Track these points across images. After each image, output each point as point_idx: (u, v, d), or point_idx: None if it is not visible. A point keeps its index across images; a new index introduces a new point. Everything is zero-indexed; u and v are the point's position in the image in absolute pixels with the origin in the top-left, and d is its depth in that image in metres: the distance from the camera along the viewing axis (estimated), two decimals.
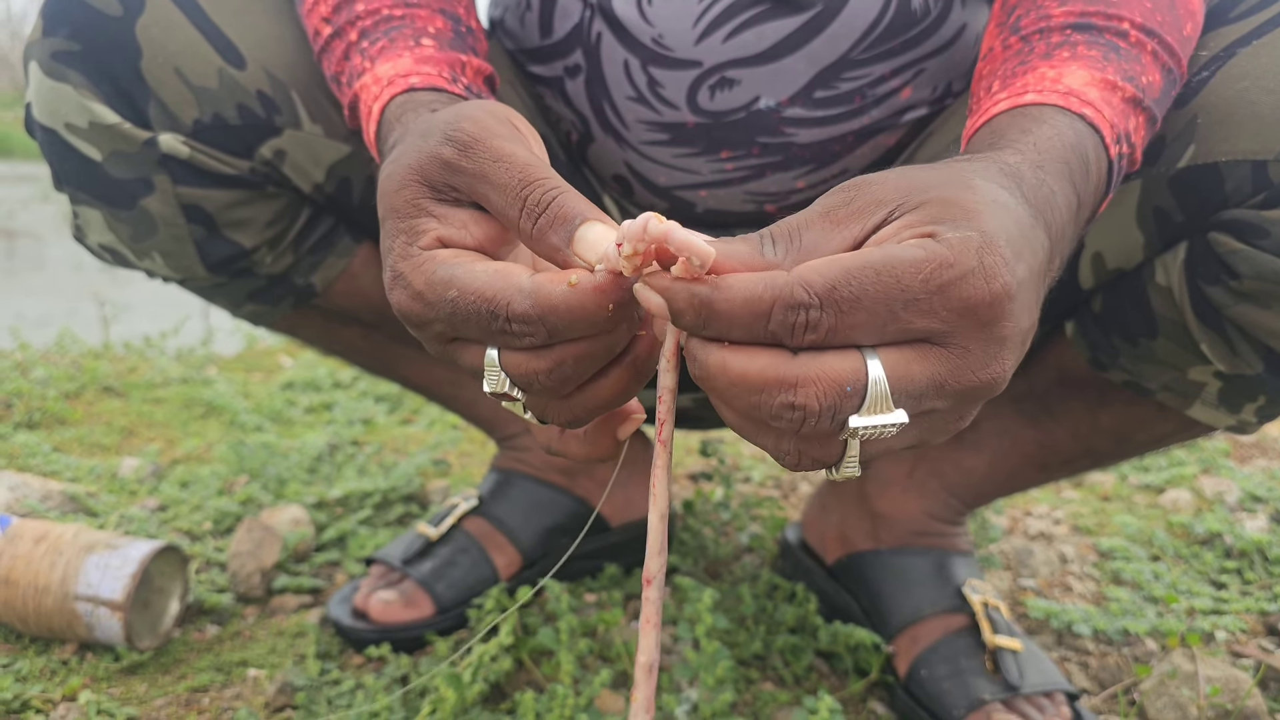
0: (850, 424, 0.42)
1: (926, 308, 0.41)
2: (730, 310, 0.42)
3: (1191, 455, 1.79)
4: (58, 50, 0.83)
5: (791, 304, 0.41)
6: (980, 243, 0.42)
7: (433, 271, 0.49)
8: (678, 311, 0.43)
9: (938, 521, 1.09)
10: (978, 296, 0.42)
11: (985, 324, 0.43)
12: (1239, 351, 0.77)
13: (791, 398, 0.41)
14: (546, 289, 0.45)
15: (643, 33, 0.85)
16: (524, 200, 0.49)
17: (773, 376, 0.42)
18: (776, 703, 1.00)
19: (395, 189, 0.53)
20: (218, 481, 1.50)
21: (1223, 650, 1.15)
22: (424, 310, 0.50)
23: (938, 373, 0.43)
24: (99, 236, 0.92)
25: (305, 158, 0.90)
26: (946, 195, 0.44)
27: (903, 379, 0.42)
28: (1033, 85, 0.62)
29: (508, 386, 0.49)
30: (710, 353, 0.43)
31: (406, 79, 0.69)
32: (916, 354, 0.42)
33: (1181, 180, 0.74)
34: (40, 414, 1.82)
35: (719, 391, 0.43)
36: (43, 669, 1.02)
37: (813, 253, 0.44)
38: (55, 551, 1.04)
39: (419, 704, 0.96)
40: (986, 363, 0.43)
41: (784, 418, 0.42)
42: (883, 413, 0.42)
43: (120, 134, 0.84)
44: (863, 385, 0.41)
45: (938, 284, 0.41)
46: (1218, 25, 0.74)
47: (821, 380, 0.41)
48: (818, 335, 0.41)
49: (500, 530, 1.16)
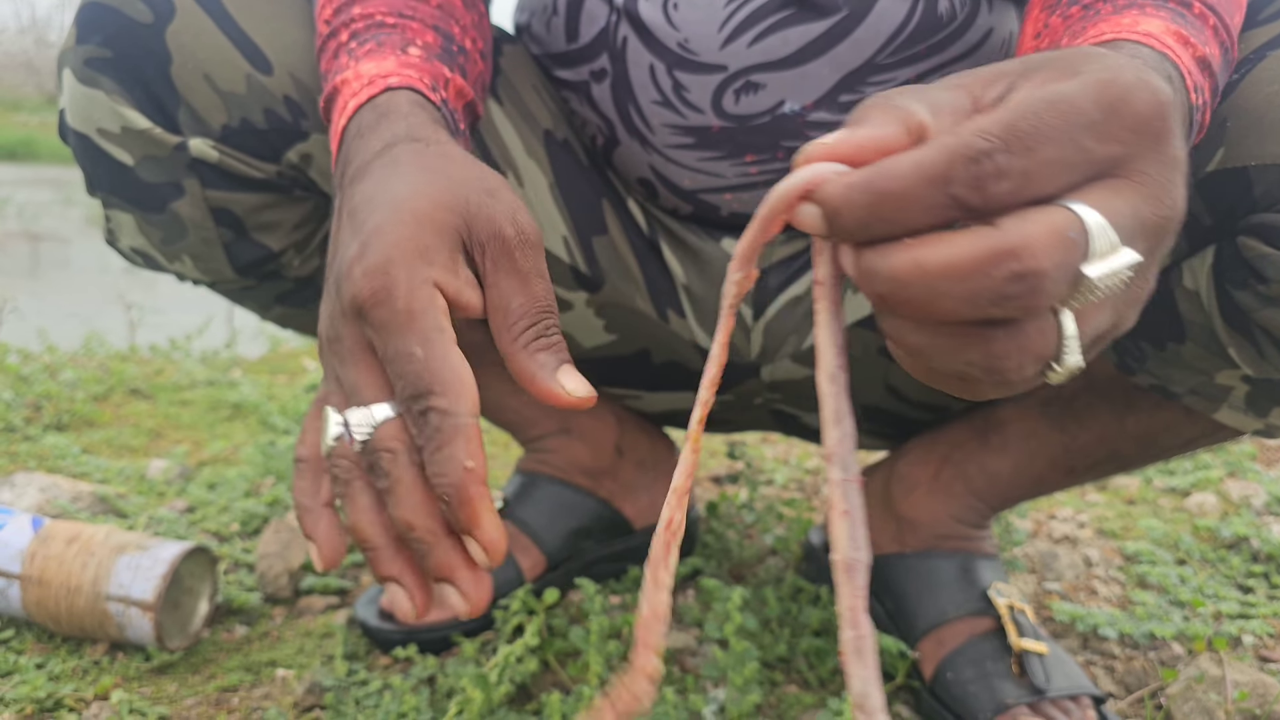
0: (1086, 275, 0.37)
1: (1105, 130, 0.37)
2: (903, 184, 0.35)
3: (1217, 459, 1.78)
4: (91, 57, 0.84)
5: (972, 154, 0.35)
6: (1126, 64, 0.40)
7: (424, 311, 0.51)
8: (835, 209, 0.36)
9: (963, 525, 1.09)
10: (1146, 107, 0.38)
11: (1157, 140, 0.39)
12: (1267, 356, 0.76)
13: (1017, 265, 0.35)
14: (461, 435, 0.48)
15: (668, 37, 0.85)
16: (541, 319, 0.51)
17: (984, 251, 0.35)
18: (801, 705, 1.00)
19: (442, 202, 0.54)
20: (245, 483, 1.52)
21: (1250, 655, 1.15)
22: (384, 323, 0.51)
23: (1134, 204, 0.38)
24: (131, 240, 0.93)
25: (331, 162, 0.90)
26: (1067, 54, 0.41)
27: (1113, 213, 0.37)
28: (1108, 30, 0.59)
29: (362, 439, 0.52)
30: (896, 256, 0.36)
31: (386, 79, 0.69)
32: (1109, 189, 0.38)
33: (1210, 184, 0.73)
34: (69, 416, 1.84)
35: (917, 299, 0.36)
36: (75, 668, 1.03)
37: (947, 105, 0.39)
38: (87, 552, 1.05)
39: (446, 704, 0.97)
40: (1167, 188, 0.40)
41: (1012, 294, 0.35)
42: (1113, 254, 0.37)
43: (151, 139, 0.86)
44: (1082, 227, 0.36)
45: (1108, 101, 0.38)
46: (1247, 27, 0.74)
47: (1041, 236, 0.35)
48: (1012, 183, 0.36)
49: (525, 532, 1.16)
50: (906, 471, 1.11)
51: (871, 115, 0.39)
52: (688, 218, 0.98)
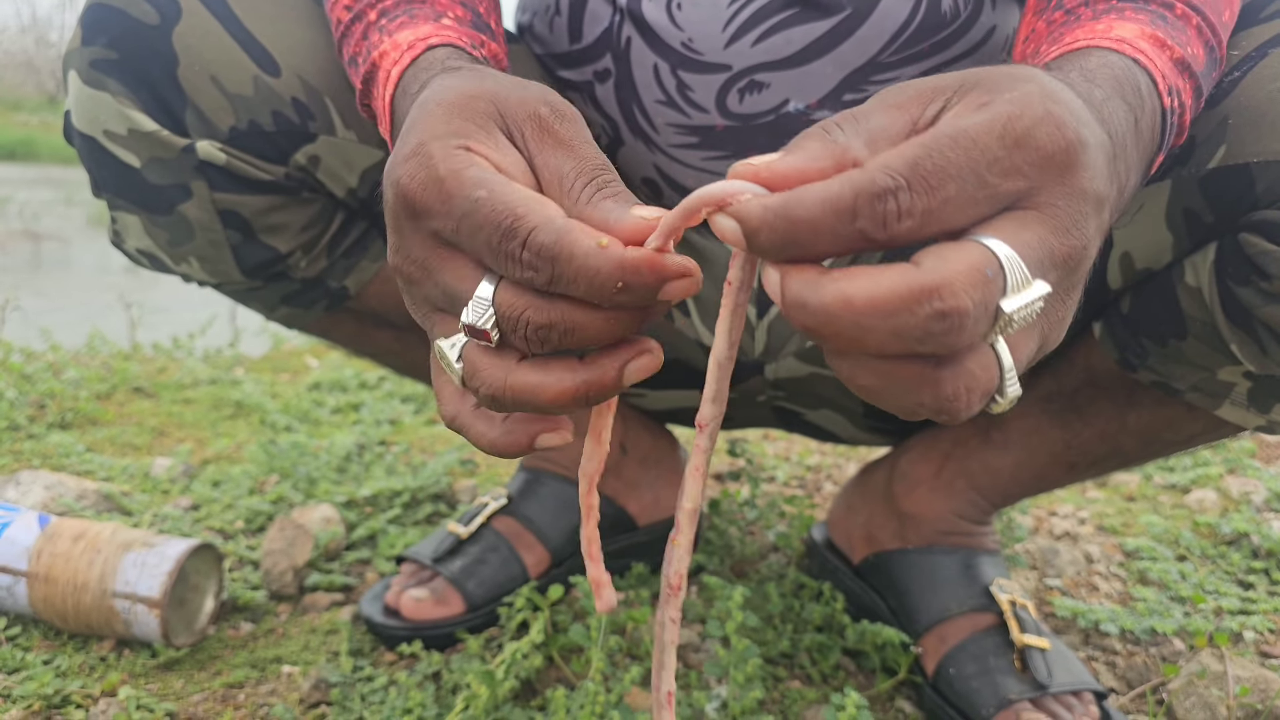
0: (1004, 309, 0.38)
1: (1009, 165, 0.39)
2: (811, 214, 0.37)
3: (1217, 455, 1.78)
4: (96, 59, 0.85)
5: (876, 192, 0.37)
6: (1040, 93, 0.41)
7: (466, 166, 0.47)
8: (753, 230, 0.38)
9: (965, 521, 1.09)
10: (1050, 142, 0.40)
11: (1064, 173, 0.40)
12: (1269, 352, 0.77)
13: (939, 304, 0.36)
14: (576, 234, 0.43)
15: (672, 37, 0.86)
16: (596, 175, 0.48)
17: (906, 290, 0.36)
18: (804, 700, 1.01)
19: (471, 94, 0.51)
20: (249, 481, 1.52)
21: (1251, 650, 1.15)
22: (434, 199, 0.47)
23: (1043, 235, 0.40)
24: (137, 242, 0.94)
25: (339, 163, 0.91)
26: (999, 73, 0.43)
27: (1022, 248, 0.39)
28: (1083, 37, 0.61)
29: (490, 324, 0.46)
30: (824, 289, 0.38)
31: (427, 40, 0.68)
32: (1017, 222, 0.40)
33: (1212, 181, 0.74)
34: (73, 414, 1.84)
35: (846, 334, 0.38)
36: (82, 665, 1.04)
37: (879, 134, 0.41)
38: (93, 549, 1.06)
39: (452, 700, 0.98)
40: (1075, 220, 0.41)
41: (935, 332, 0.37)
42: (1028, 287, 0.39)
43: (158, 141, 0.86)
44: (998, 264, 0.38)
45: (1013, 138, 0.39)
46: (1248, 25, 0.74)
47: (961, 275, 0.37)
48: (914, 220, 0.38)
49: (529, 529, 1.17)
50: (909, 468, 1.12)
51: (805, 144, 0.41)
52: None
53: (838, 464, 1.80)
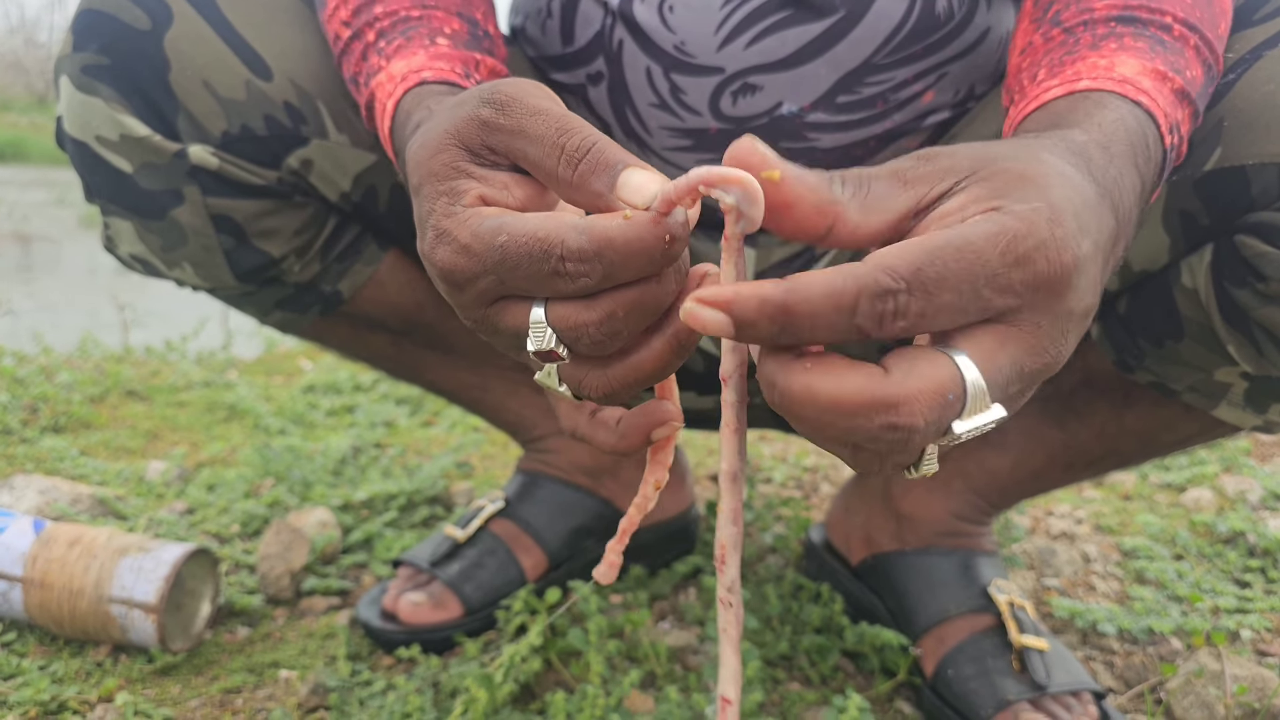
0: (954, 429, 0.40)
1: (1005, 283, 0.40)
2: (811, 309, 0.38)
3: (1213, 454, 1.78)
4: (88, 64, 0.84)
5: (878, 291, 0.38)
6: (1049, 214, 0.42)
7: (479, 224, 0.48)
8: (747, 323, 0.39)
9: (963, 522, 1.09)
10: (1049, 269, 0.41)
11: (1056, 297, 0.42)
12: (1265, 353, 0.77)
13: (894, 419, 0.39)
14: (602, 223, 0.43)
15: (665, 40, 0.86)
16: (562, 148, 0.47)
17: (868, 399, 0.39)
18: (804, 702, 1.01)
19: (431, 154, 0.52)
20: (244, 484, 1.52)
21: (1248, 649, 1.15)
22: (470, 264, 0.48)
23: (1017, 356, 0.41)
24: (130, 247, 0.93)
25: (332, 167, 0.90)
26: (1013, 168, 0.44)
27: (991, 370, 0.41)
28: (1086, 73, 0.61)
29: (553, 343, 0.47)
30: (793, 378, 0.40)
31: (419, 74, 0.69)
32: (996, 340, 0.41)
33: (1208, 183, 0.74)
34: (66, 418, 1.84)
35: (806, 420, 0.40)
36: (78, 671, 1.03)
37: (878, 203, 0.43)
38: (89, 555, 1.05)
39: (450, 704, 0.97)
40: (1055, 339, 0.43)
41: (884, 439, 0.39)
42: (983, 411, 0.40)
43: (150, 146, 0.85)
44: (962, 389, 0.40)
45: (1014, 257, 0.40)
46: (1242, 28, 0.74)
47: (923, 395, 0.39)
48: (907, 322, 0.39)
49: (527, 532, 1.17)
50: None
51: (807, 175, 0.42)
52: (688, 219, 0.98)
53: (835, 465, 1.80)
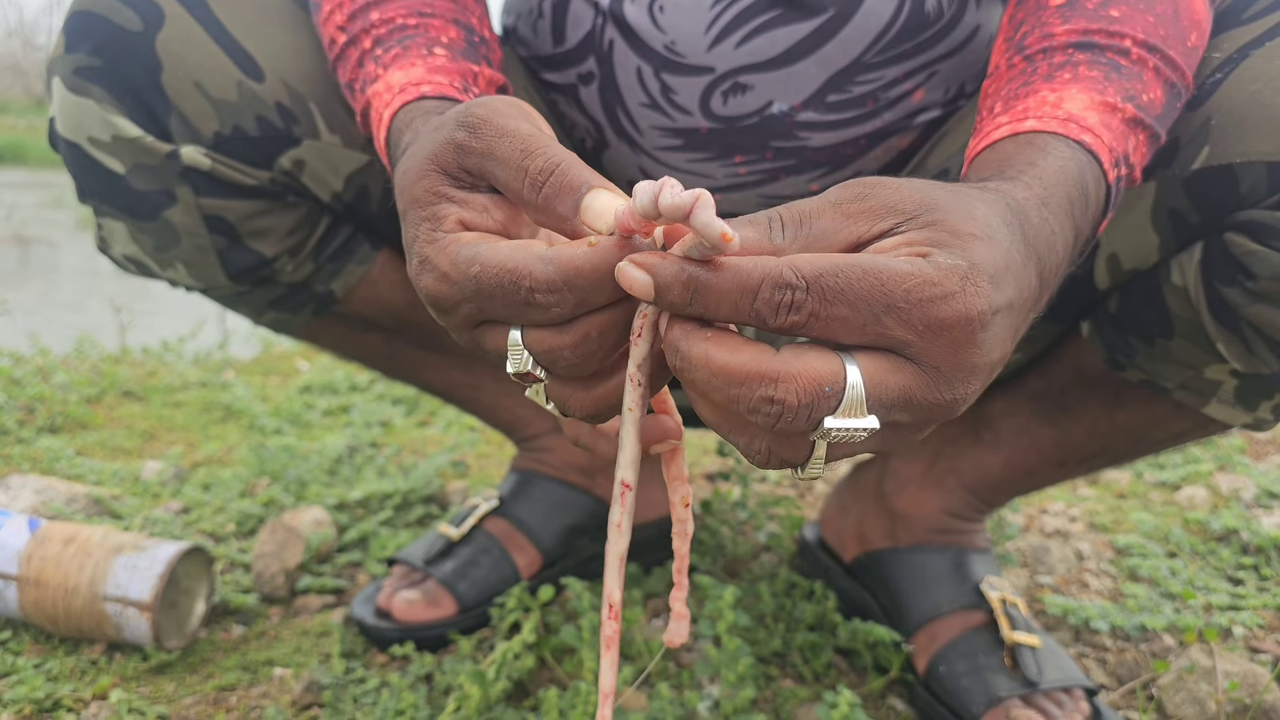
0: (825, 424, 0.43)
1: (905, 318, 0.42)
2: (720, 286, 0.42)
3: (1207, 452, 1.79)
4: (80, 66, 0.84)
5: (779, 283, 0.42)
6: (966, 271, 0.44)
7: (456, 252, 0.49)
8: (664, 287, 0.43)
9: (956, 519, 1.10)
10: (952, 319, 0.43)
11: (957, 347, 0.44)
12: (1255, 351, 0.77)
13: (771, 391, 0.42)
14: (567, 253, 0.45)
15: (655, 39, 0.86)
16: (526, 170, 0.49)
17: (754, 370, 0.42)
18: (797, 699, 1.01)
19: (413, 180, 0.53)
20: (239, 484, 1.52)
21: (1240, 646, 1.16)
22: (450, 291, 0.50)
23: (908, 386, 0.44)
24: (123, 248, 0.94)
25: (324, 167, 0.91)
26: (950, 221, 0.46)
27: (877, 386, 0.43)
28: (1033, 110, 0.63)
29: (531, 366, 0.49)
30: (694, 343, 0.44)
31: (418, 87, 0.69)
32: (891, 365, 0.43)
33: (1196, 182, 0.74)
34: (62, 418, 1.84)
35: (698, 384, 0.44)
36: (73, 669, 1.03)
37: (819, 241, 0.45)
38: (84, 553, 1.05)
39: (444, 701, 0.98)
40: (953, 384, 0.45)
41: (761, 411, 0.42)
42: (857, 417, 0.43)
43: (142, 147, 0.86)
44: (841, 387, 0.42)
45: (918, 298, 0.42)
46: (1230, 27, 0.75)
47: (802, 377, 0.42)
48: (799, 317, 0.42)
49: (521, 530, 1.17)
50: (899, 467, 1.12)
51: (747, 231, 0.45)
52: None
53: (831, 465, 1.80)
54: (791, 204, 0.46)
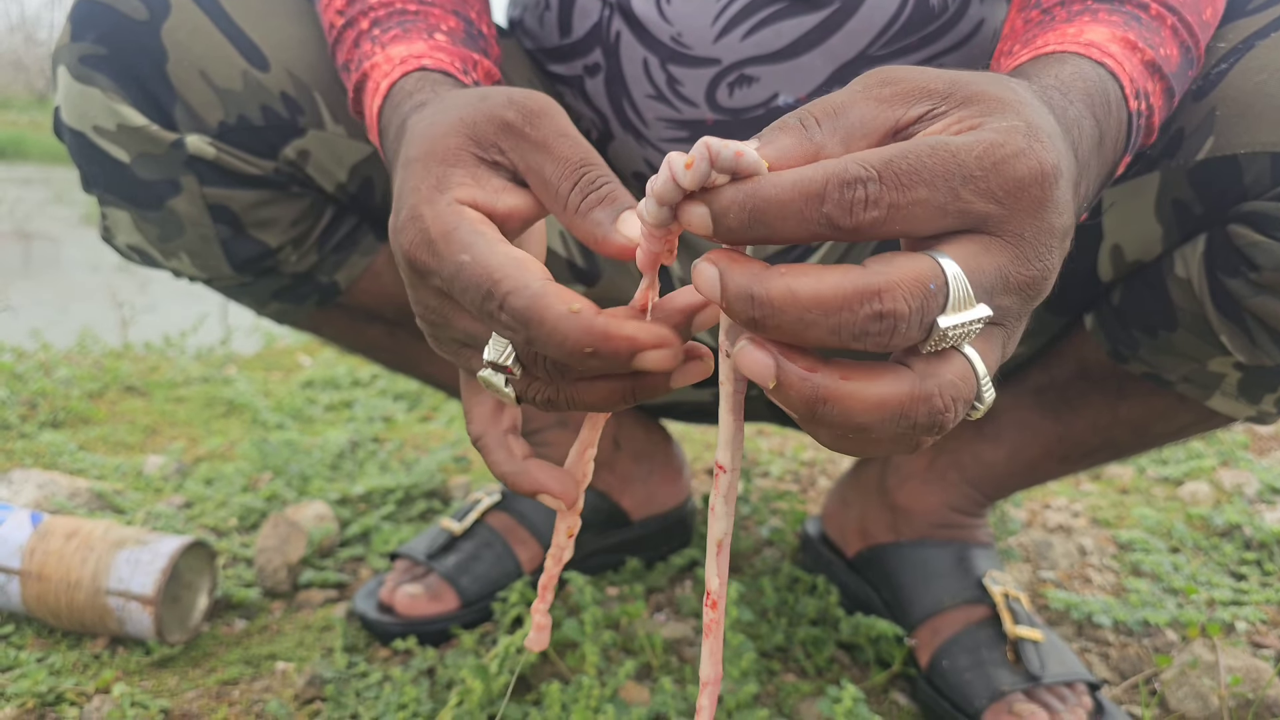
0: (939, 325, 0.40)
1: (984, 186, 0.40)
2: (780, 195, 0.39)
3: (1210, 448, 1.79)
4: (85, 55, 0.84)
5: (847, 179, 0.39)
6: (1026, 129, 0.42)
7: (455, 226, 0.49)
8: (721, 210, 0.39)
9: (958, 514, 1.10)
10: (1028, 175, 0.41)
11: (1036, 207, 0.42)
12: (1259, 343, 0.77)
13: (878, 306, 0.38)
14: (549, 299, 0.44)
15: (661, 31, 0.86)
16: (580, 176, 0.49)
17: (850, 290, 0.38)
18: (799, 694, 1.01)
19: (440, 134, 0.52)
20: (242, 479, 1.52)
21: (1243, 641, 1.16)
22: (429, 260, 0.49)
23: (1001, 264, 0.41)
24: (127, 237, 0.94)
25: (328, 158, 0.91)
26: (990, 91, 0.44)
27: (974, 271, 0.40)
28: (1053, 40, 0.61)
29: (510, 360, 0.49)
30: (771, 281, 0.39)
31: (420, 60, 0.69)
32: (979, 246, 0.41)
33: (1200, 172, 0.74)
34: (64, 413, 1.84)
35: (788, 326, 0.39)
36: (75, 663, 1.03)
37: (857, 130, 0.43)
38: (86, 547, 1.05)
39: (446, 695, 0.98)
40: (1040, 253, 0.43)
41: (870, 332, 0.38)
42: (968, 309, 0.40)
43: (147, 136, 0.86)
44: (943, 281, 0.39)
45: (991, 161, 0.40)
46: (1236, 17, 0.74)
47: (904, 281, 0.38)
48: (879, 212, 0.39)
49: (523, 525, 1.17)
50: (901, 461, 1.12)
51: (778, 139, 0.42)
52: None
53: (832, 459, 1.80)
54: (817, 100, 0.44)
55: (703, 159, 0.38)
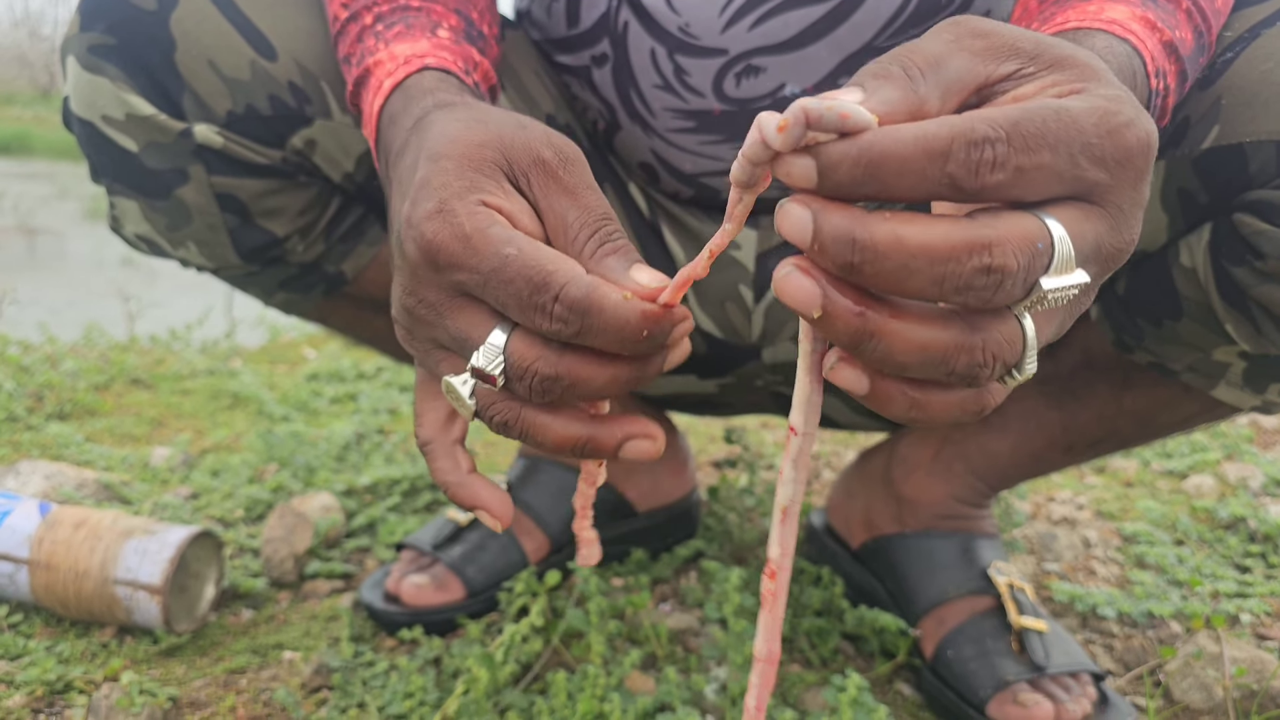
0: (1042, 286, 0.39)
1: (1099, 154, 0.40)
2: (901, 151, 0.37)
3: (1214, 441, 1.79)
4: (94, 44, 0.85)
5: (975, 139, 0.37)
6: (1129, 100, 0.42)
7: (489, 225, 0.50)
8: (832, 164, 0.37)
9: (963, 504, 1.10)
10: (1136, 145, 0.41)
11: (1137, 178, 0.42)
12: (1264, 331, 0.77)
13: (987, 260, 0.37)
14: (605, 288, 0.47)
15: (669, 21, 0.86)
16: (600, 228, 0.51)
17: (960, 241, 0.37)
18: (803, 683, 1.01)
19: (477, 142, 0.53)
20: (248, 470, 1.52)
21: (1248, 633, 1.16)
22: (462, 255, 0.50)
23: (1099, 232, 0.41)
24: (135, 227, 0.94)
25: (336, 147, 0.91)
26: (1078, 57, 0.43)
27: (1077, 236, 0.40)
28: (1074, 18, 0.61)
29: (499, 370, 0.50)
30: (876, 226, 0.37)
31: (423, 59, 0.69)
32: (1080, 213, 0.41)
33: (1206, 161, 0.74)
34: (71, 405, 1.84)
35: (889, 273, 0.38)
36: (83, 651, 1.04)
37: (956, 85, 0.42)
38: (94, 537, 1.06)
39: (452, 684, 0.98)
40: (1130, 223, 0.42)
41: (975, 286, 0.38)
42: (1068, 273, 0.40)
43: (156, 125, 0.86)
44: (1050, 243, 0.39)
45: (1108, 128, 0.40)
46: (1242, 6, 0.74)
47: (1014, 237, 0.38)
48: (1005, 175, 0.38)
49: (529, 515, 1.17)
50: (907, 452, 1.12)
51: (881, 90, 0.40)
52: (689, 201, 0.99)
53: (836, 451, 1.80)
54: (910, 48, 0.42)
55: (797, 123, 0.36)
